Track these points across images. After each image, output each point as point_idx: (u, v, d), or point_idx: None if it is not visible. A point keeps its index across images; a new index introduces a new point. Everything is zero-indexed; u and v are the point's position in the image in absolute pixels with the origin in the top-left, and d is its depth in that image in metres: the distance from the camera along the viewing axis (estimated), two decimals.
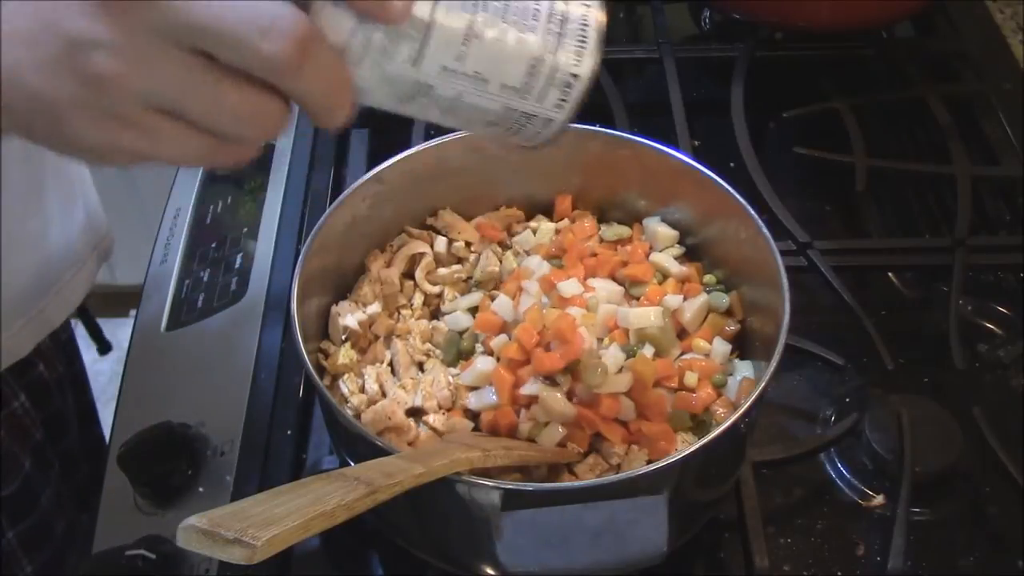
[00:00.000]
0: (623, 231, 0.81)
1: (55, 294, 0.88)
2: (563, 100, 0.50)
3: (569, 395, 0.68)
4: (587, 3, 0.50)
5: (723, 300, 0.75)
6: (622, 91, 1.07)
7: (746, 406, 0.61)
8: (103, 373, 0.91)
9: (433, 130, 0.98)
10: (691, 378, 0.71)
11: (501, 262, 0.80)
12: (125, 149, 0.42)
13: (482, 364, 0.71)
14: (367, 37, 0.45)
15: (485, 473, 0.59)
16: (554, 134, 0.52)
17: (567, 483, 0.66)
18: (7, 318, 0.83)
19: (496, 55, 0.48)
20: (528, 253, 0.80)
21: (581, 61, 0.49)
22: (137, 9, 0.38)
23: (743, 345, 0.75)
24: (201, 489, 0.76)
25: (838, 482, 0.79)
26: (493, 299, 0.76)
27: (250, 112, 0.42)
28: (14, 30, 0.39)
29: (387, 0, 0.43)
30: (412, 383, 0.72)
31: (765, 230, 0.70)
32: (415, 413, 0.71)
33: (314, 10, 0.44)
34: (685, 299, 0.75)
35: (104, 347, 1.11)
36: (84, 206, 0.93)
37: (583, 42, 0.49)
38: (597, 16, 0.50)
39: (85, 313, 1.07)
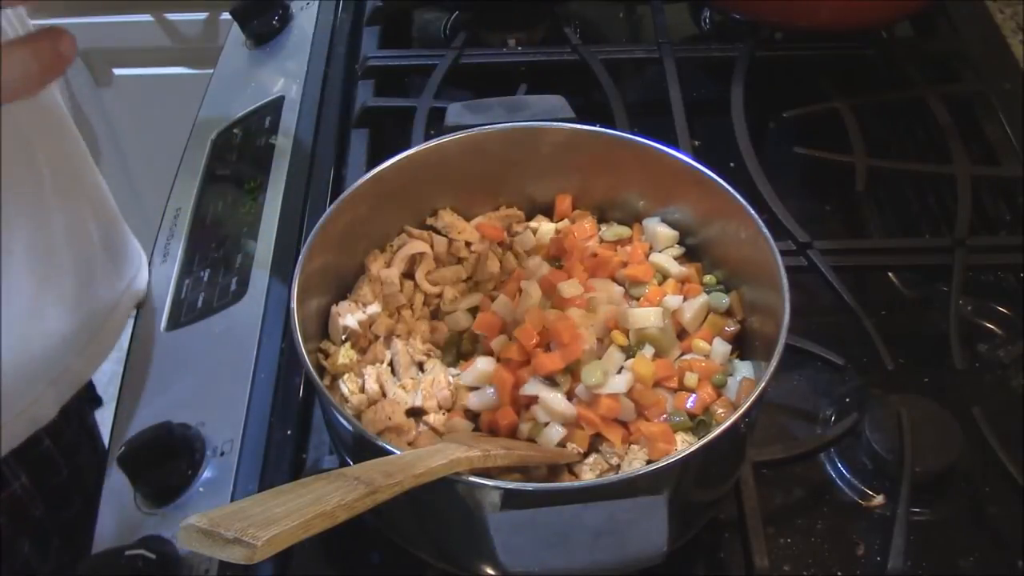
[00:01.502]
0: (623, 231, 0.81)
1: (81, 351, 0.83)
2: None
3: (569, 395, 0.68)
4: None
5: (723, 300, 0.75)
6: (622, 91, 1.07)
7: (746, 406, 0.61)
8: (103, 373, 0.90)
9: (433, 130, 0.98)
10: (691, 378, 0.71)
11: (501, 262, 0.80)
12: None
13: (482, 364, 0.71)
14: None
15: (485, 473, 0.59)
16: None
17: (567, 483, 0.66)
18: (27, 385, 0.78)
19: None
20: (528, 253, 0.80)
21: None
22: None
23: (743, 345, 0.75)
24: (201, 489, 0.76)
25: (838, 482, 0.79)
26: (493, 299, 0.76)
27: None
28: None
29: None
30: (412, 383, 0.72)
31: (765, 230, 0.70)
32: (415, 413, 0.71)
33: None
34: (685, 299, 0.75)
35: None
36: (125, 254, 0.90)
37: None
38: None
39: None
